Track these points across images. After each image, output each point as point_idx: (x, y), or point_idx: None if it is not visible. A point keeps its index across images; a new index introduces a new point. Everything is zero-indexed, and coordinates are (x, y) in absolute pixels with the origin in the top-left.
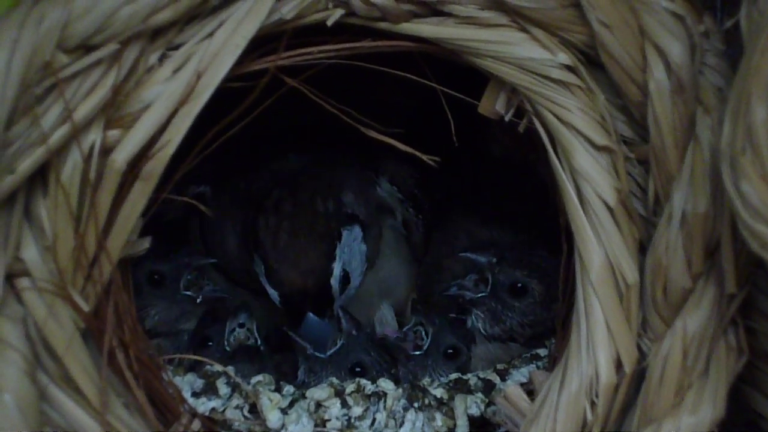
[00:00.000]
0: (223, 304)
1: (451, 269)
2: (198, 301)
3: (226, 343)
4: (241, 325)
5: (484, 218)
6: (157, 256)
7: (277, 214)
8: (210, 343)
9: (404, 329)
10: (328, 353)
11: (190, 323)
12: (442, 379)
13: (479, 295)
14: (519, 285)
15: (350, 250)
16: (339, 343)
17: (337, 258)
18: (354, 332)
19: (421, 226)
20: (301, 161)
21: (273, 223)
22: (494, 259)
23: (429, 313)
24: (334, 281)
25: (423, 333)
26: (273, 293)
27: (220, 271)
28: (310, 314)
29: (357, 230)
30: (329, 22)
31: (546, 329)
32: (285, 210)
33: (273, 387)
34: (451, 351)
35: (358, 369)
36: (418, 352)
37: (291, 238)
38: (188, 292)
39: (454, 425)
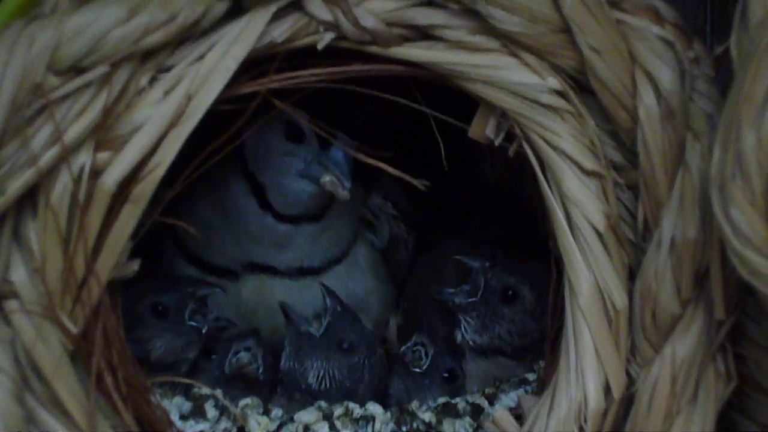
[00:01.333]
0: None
1: (439, 289)
2: (203, 331)
3: (227, 363)
4: (247, 349)
5: (473, 243)
6: (159, 287)
7: None
8: (213, 357)
9: (404, 347)
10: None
11: (193, 353)
12: (430, 403)
13: (469, 300)
14: (510, 291)
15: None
16: (326, 321)
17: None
18: (338, 308)
19: (410, 244)
20: None
21: None
22: (487, 263)
23: (432, 333)
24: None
25: (423, 353)
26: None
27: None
28: None
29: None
30: (320, 46)
31: (533, 341)
32: None
33: (261, 410)
34: (447, 375)
35: (345, 346)
36: (417, 370)
37: None
38: (193, 323)
39: None
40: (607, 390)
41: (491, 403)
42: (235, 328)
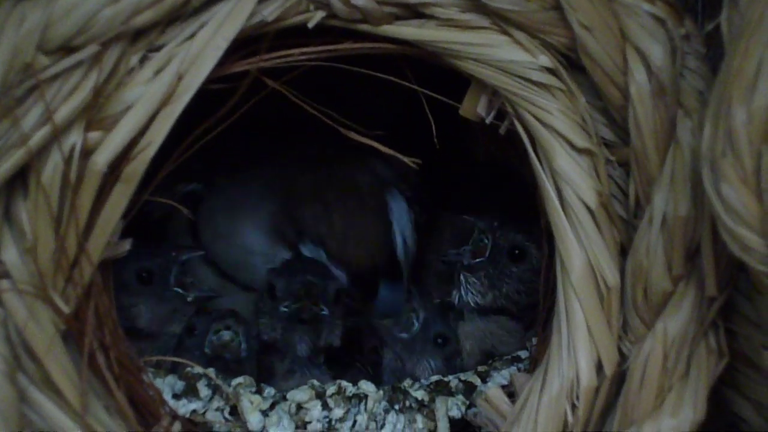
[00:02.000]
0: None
1: (434, 266)
2: (189, 299)
3: (207, 343)
4: (228, 327)
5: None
6: (143, 254)
7: (319, 199)
8: (195, 332)
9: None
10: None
11: (179, 325)
12: (423, 381)
13: (477, 260)
14: (518, 250)
15: (400, 216)
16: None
17: (395, 227)
18: (495, 223)
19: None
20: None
21: (320, 209)
22: (495, 223)
23: (423, 296)
24: (400, 251)
25: (414, 318)
26: (342, 276)
27: (209, 265)
28: (383, 291)
29: (397, 195)
30: (310, 24)
31: (538, 300)
32: (330, 197)
33: (254, 389)
34: (440, 340)
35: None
36: (405, 335)
37: (347, 221)
38: (179, 290)
39: (435, 427)
40: (599, 367)
41: (484, 381)
42: (215, 308)
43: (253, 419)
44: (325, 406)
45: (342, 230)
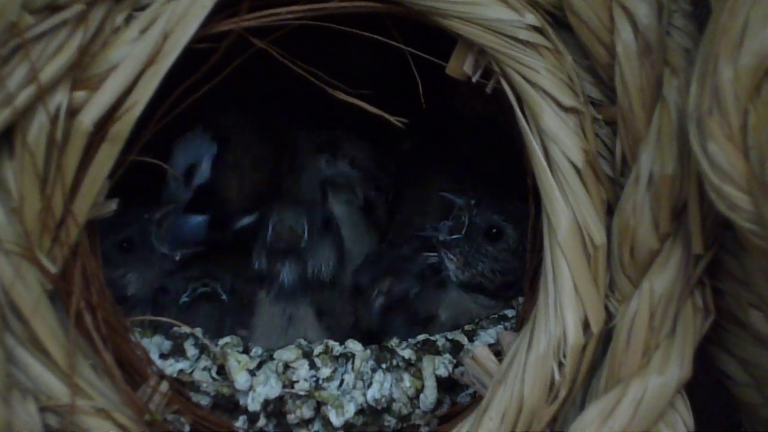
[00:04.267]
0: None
1: (422, 227)
2: (177, 258)
3: (186, 297)
4: (205, 285)
5: (456, 176)
6: (118, 225)
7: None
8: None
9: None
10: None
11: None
12: (410, 339)
13: (453, 237)
14: (494, 229)
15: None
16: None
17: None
18: (472, 201)
19: (383, 203)
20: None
21: None
22: (472, 201)
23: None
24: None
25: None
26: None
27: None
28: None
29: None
30: None
31: (515, 279)
32: None
33: (241, 348)
34: (495, 231)
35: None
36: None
37: None
38: (164, 251)
39: (422, 386)
40: (585, 325)
41: (470, 340)
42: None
43: (241, 378)
44: (313, 366)
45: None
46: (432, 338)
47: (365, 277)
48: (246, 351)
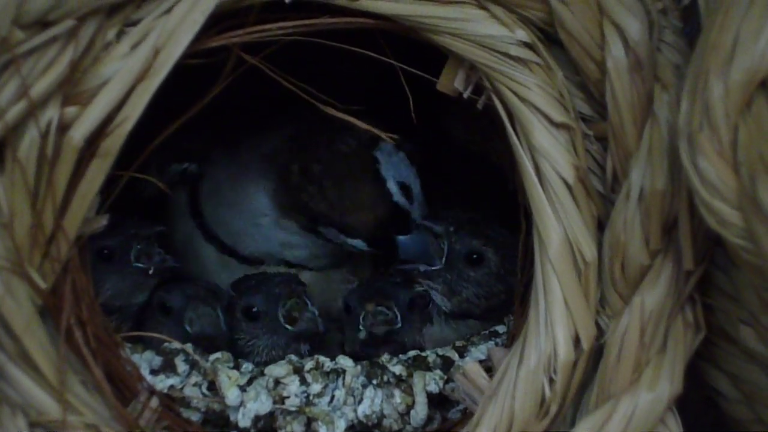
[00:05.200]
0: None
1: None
2: (150, 272)
3: (187, 324)
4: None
5: (443, 198)
6: (103, 233)
7: (312, 180)
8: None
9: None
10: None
11: (143, 296)
12: (401, 356)
13: (434, 268)
14: (475, 255)
15: (392, 164)
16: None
17: (386, 178)
18: (451, 228)
19: None
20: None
21: (313, 190)
22: (451, 228)
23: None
24: (397, 197)
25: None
26: (359, 243)
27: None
28: (399, 237)
29: (387, 148)
30: None
31: (501, 302)
32: (315, 172)
33: (231, 364)
34: (475, 256)
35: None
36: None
37: (339, 191)
38: (139, 264)
39: (413, 402)
40: (576, 341)
41: (461, 356)
42: (190, 285)
43: (231, 395)
44: (303, 381)
45: (338, 200)
46: (423, 354)
47: (353, 300)
48: (236, 367)
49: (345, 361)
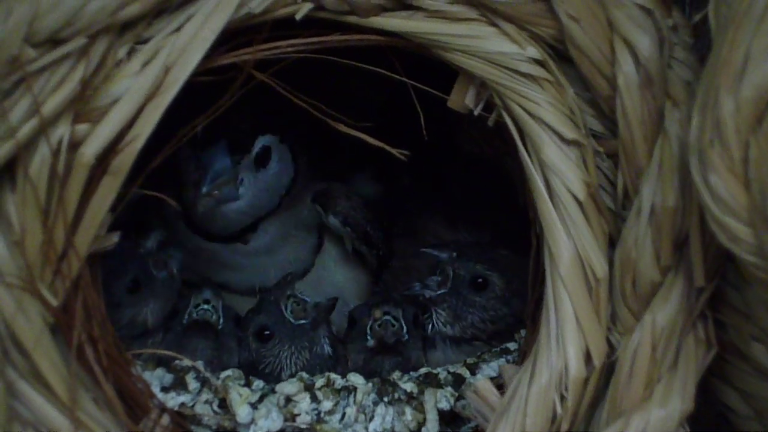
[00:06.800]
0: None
1: (417, 269)
2: (174, 273)
3: (186, 316)
4: (206, 301)
5: (450, 219)
6: (115, 269)
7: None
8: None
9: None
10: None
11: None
12: (412, 373)
13: (439, 292)
14: (479, 279)
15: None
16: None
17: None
18: (454, 254)
19: (374, 257)
20: None
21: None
22: (455, 254)
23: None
24: None
25: (391, 322)
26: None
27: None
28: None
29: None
30: (298, 16)
31: (507, 326)
32: None
33: (242, 382)
34: (480, 281)
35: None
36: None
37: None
38: (164, 273)
39: (424, 419)
40: (587, 358)
41: (473, 373)
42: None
43: (242, 412)
44: (314, 399)
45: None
46: (434, 371)
47: (359, 311)
48: (248, 384)
49: (356, 379)
